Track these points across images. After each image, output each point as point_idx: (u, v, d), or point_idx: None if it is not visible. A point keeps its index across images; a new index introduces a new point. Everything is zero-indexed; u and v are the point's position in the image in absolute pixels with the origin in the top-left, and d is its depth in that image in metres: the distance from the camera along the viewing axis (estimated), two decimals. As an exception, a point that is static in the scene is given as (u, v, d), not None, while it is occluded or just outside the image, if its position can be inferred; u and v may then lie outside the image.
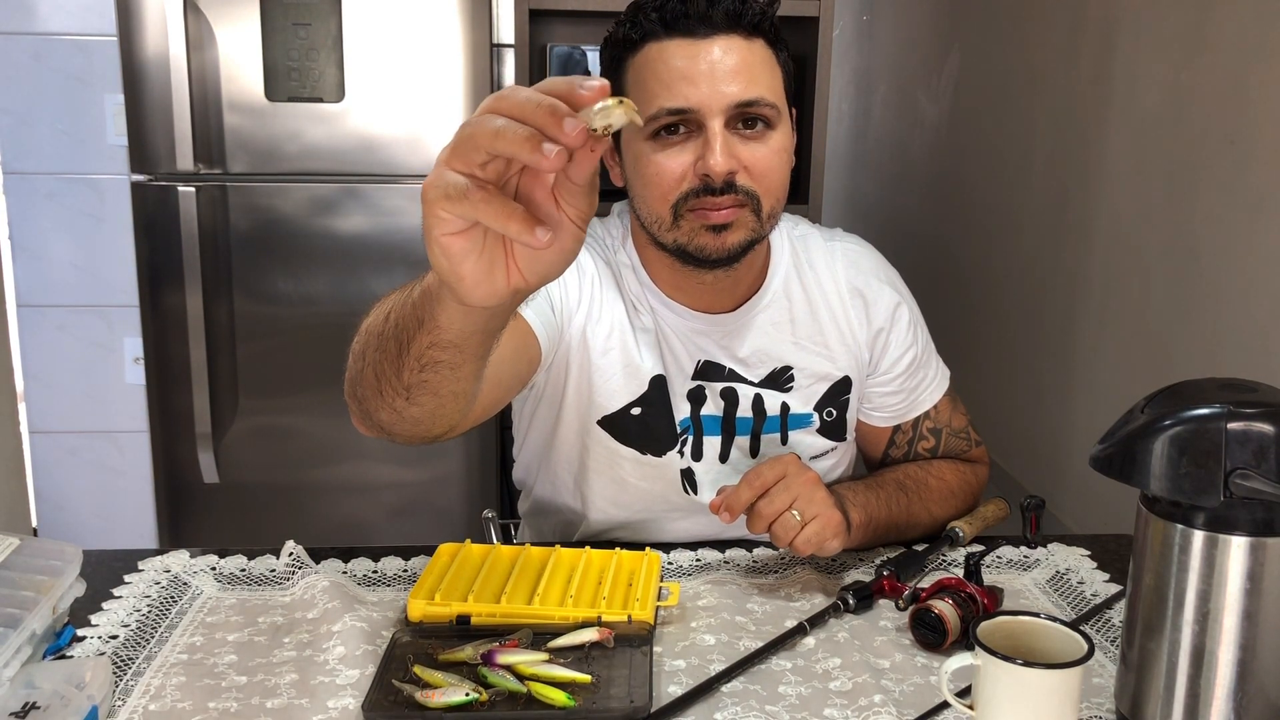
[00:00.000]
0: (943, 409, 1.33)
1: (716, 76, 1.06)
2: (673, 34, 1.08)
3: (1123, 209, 3.02)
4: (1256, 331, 2.45)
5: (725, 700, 0.93)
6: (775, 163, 1.11)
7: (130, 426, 2.65)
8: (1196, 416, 0.81)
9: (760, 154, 1.09)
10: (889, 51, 5.26)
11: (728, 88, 1.06)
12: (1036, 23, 3.56)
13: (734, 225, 1.10)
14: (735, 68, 1.07)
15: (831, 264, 1.27)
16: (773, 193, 1.12)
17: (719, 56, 1.07)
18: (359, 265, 2.38)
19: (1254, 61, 2.44)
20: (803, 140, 2.46)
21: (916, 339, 1.30)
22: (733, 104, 1.07)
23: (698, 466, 1.23)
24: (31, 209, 2.56)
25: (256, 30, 2.25)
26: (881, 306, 1.27)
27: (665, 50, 1.08)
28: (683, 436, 1.22)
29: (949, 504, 1.26)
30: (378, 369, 0.86)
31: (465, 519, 2.43)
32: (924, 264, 4.68)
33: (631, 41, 1.11)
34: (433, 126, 2.33)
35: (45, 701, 0.84)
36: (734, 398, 1.22)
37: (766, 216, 1.12)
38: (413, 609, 1.02)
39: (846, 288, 1.26)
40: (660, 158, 1.09)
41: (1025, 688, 0.81)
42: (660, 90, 1.08)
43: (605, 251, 1.24)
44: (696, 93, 1.06)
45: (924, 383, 1.31)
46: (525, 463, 1.35)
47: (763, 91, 1.08)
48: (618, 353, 1.20)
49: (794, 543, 1.07)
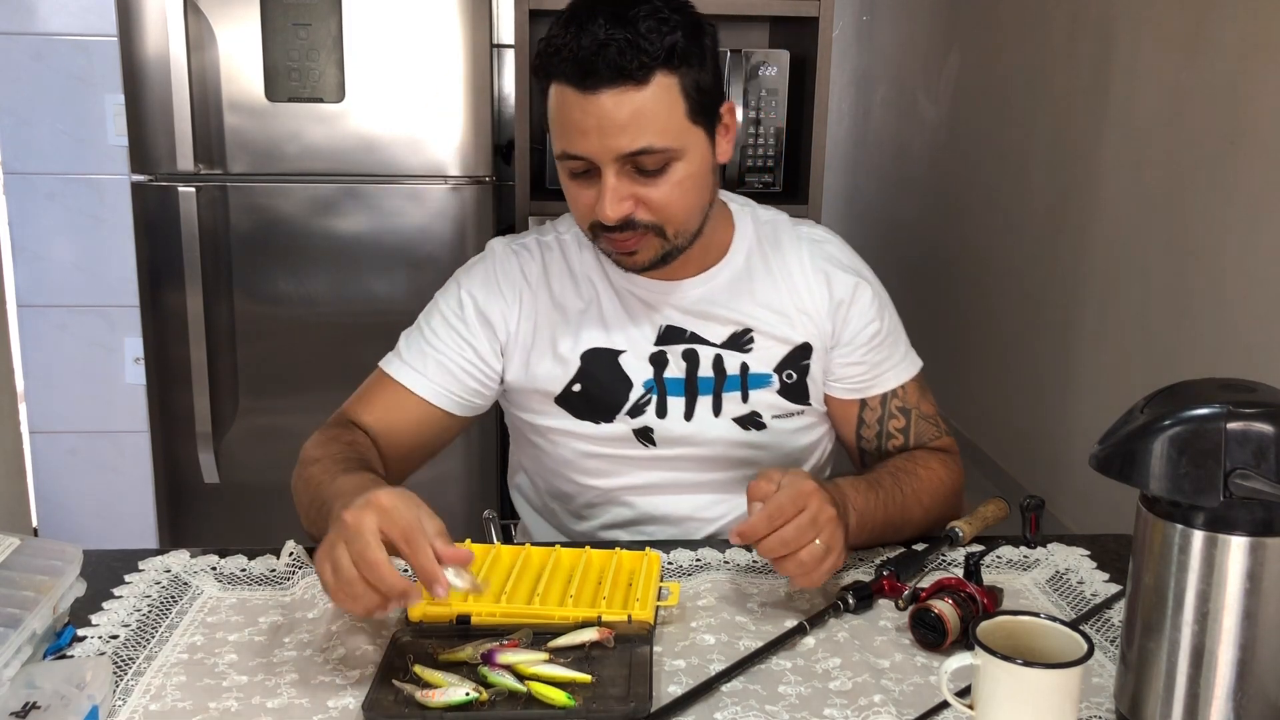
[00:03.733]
0: (910, 391, 1.33)
1: (605, 130, 1.11)
2: (569, 82, 1.12)
3: (1122, 209, 3.02)
4: (1256, 331, 2.45)
5: (725, 700, 0.93)
6: (674, 194, 1.15)
7: (130, 426, 2.65)
8: (1196, 416, 0.81)
9: (658, 191, 1.15)
10: (889, 51, 5.26)
11: (616, 140, 1.11)
12: (1036, 23, 3.56)
13: (640, 250, 1.18)
14: (623, 120, 1.10)
15: (797, 246, 1.31)
16: (676, 219, 1.17)
17: (608, 109, 1.10)
18: (359, 265, 2.38)
19: (1253, 62, 2.44)
20: (803, 140, 2.46)
21: (881, 317, 1.31)
22: (621, 155, 1.12)
23: (661, 423, 1.28)
24: (32, 209, 2.56)
25: (257, 30, 2.26)
26: (843, 282, 1.30)
27: (564, 97, 1.13)
28: (645, 398, 1.27)
29: (939, 495, 1.26)
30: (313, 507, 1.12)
31: (465, 519, 2.44)
32: (923, 263, 4.68)
33: (542, 76, 1.17)
34: (433, 126, 2.33)
35: (46, 701, 0.84)
36: (695, 359, 1.27)
37: (674, 235, 1.19)
38: (413, 609, 1.02)
39: (810, 266, 1.30)
40: (573, 187, 1.18)
41: (1025, 687, 0.81)
42: (560, 134, 1.15)
43: (558, 237, 1.32)
44: (588, 144, 1.12)
45: (889, 360, 1.32)
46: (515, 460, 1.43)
47: (651, 139, 1.11)
48: (546, 344, 1.28)
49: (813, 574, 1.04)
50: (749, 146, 2.42)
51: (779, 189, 2.45)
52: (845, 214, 5.68)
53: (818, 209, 2.43)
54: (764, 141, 2.42)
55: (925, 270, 4.59)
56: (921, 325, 5.27)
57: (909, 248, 4.79)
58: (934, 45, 4.53)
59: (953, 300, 4.30)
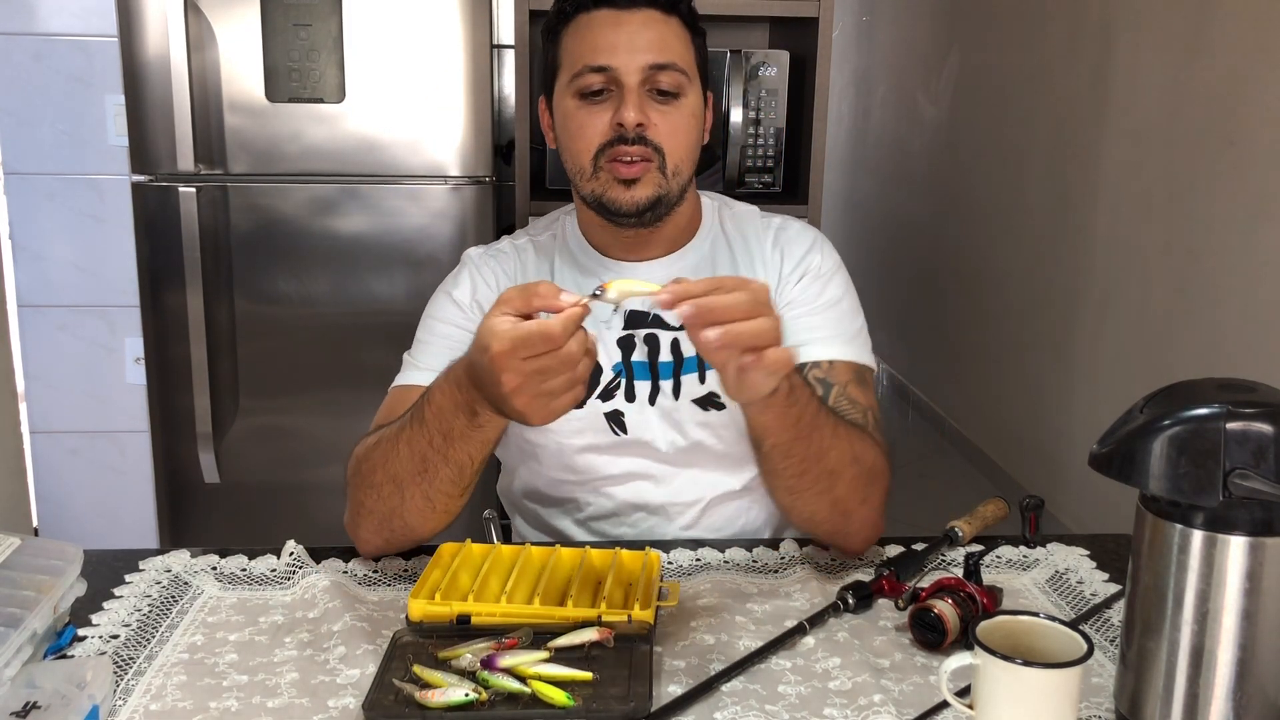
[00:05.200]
0: (840, 370, 1.25)
1: (635, 43, 1.21)
2: (600, 6, 1.23)
3: (1122, 209, 3.02)
4: (1256, 331, 2.45)
5: (725, 700, 0.93)
6: (682, 124, 1.23)
7: (131, 426, 2.65)
8: (1195, 416, 0.81)
9: (669, 114, 1.22)
10: (889, 52, 5.26)
11: (645, 55, 1.21)
12: (1036, 23, 3.56)
13: (641, 180, 1.22)
14: (651, 37, 1.21)
15: (763, 235, 1.35)
16: (678, 152, 1.23)
17: (637, 27, 1.21)
18: (359, 265, 2.38)
19: (1253, 63, 2.44)
20: (803, 140, 2.46)
21: (824, 292, 1.29)
22: (647, 65, 1.20)
23: (630, 408, 1.29)
24: (32, 209, 2.56)
25: (257, 31, 2.26)
26: (799, 251, 1.32)
27: (593, 20, 1.23)
28: (615, 381, 1.29)
29: (862, 458, 1.14)
30: (424, 491, 1.12)
31: (465, 519, 2.42)
32: (923, 263, 4.68)
33: (566, 15, 1.25)
34: (433, 126, 2.33)
35: (46, 701, 0.84)
36: (655, 343, 1.29)
37: (671, 174, 1.23)
38: (413, 609, 1.02)
39: (770, 246, 1.33)
40: (583, 114, 1.23)
41: (1025, 687, 0.82)
42: (586, 52, 1.22)
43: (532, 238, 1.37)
44: (615, 57, 1.20)
45: (820, 331, 1.27)
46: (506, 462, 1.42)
47: (675, 58, 1.22)
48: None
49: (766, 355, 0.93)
50: (749, 146, 2.42)
51: (779, 189, 2.45)
52: (845, 214, 5.68)
53: (818, 209, 2.43)
54: (764, 141, 2.42)
55: (925, 270, 4.59)
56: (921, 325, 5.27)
57: (909, 247, 4.79)
58: (934, 45, 4.53)
59: (952, 300, 4.30)
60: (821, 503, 1.13)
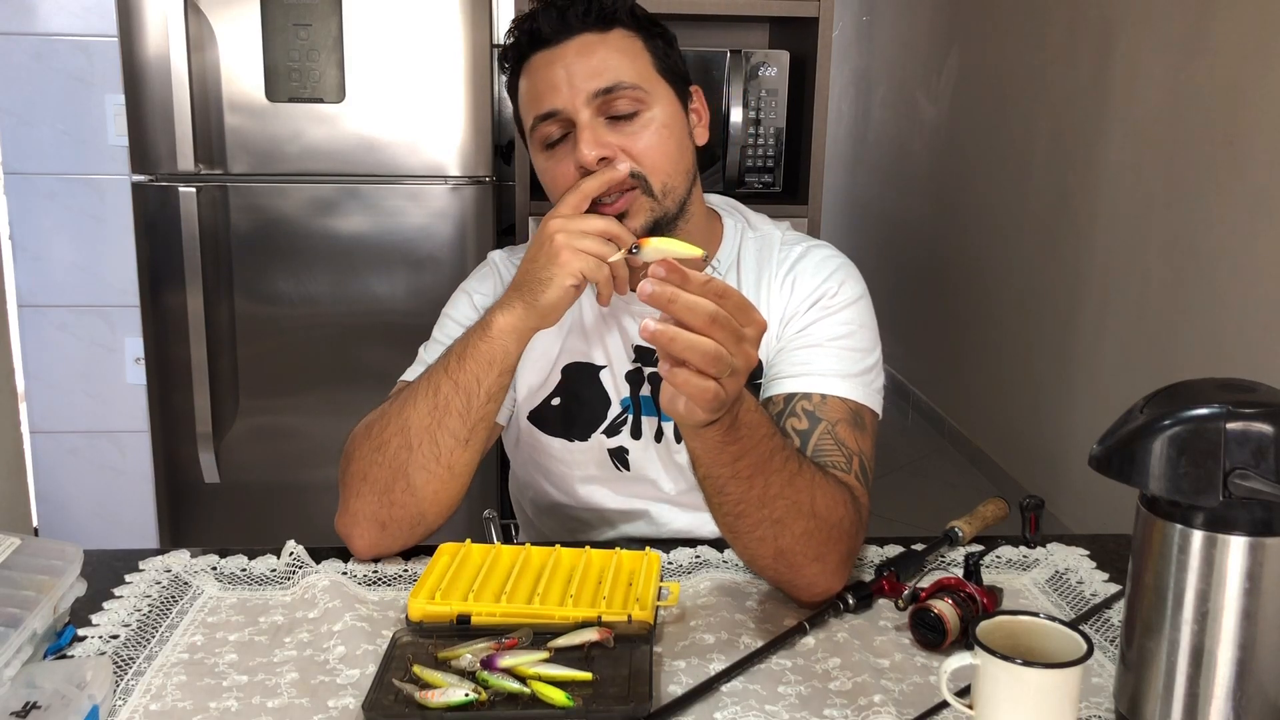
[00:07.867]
0: (832, 407, 1.16)
1: (574, 76, 1.14)
2: (535, 49, 1.17)
3: (1122, 209, 3.02)
4: (1256, 331, 2.46)
5: (725, 700, 0.93)
6: (655, 140, 1.15)
7: (131, 426, 2.65)
8: (1195, 416, 0.81)
9: (636, 134, 1.15)
10: (889, 51, 5.27)
11: (585, 83, 1.14)
12: (1036, 23, 3.56)
13: (631, 211, 1.15)
14: (592, 64, 1.14)
15: (778, 266, 1.26)
16: (660, 169, 1.15)
17: (573, 58, 1.15)
18: (359, 265, 2.38)
19: (1253, 62, 2.44)
20: (803, 140, 2.46)
21: (830, 325, 1.21)
22: (591, 95, 1.14)
23: (635, 444, 1.26)
24: (32, 209, 2.56)
25: (257, 31, 2.26)
26: (814, 281, 1.23)
27: (532, 66, 1.18)
28: (622, 416, 1.26)
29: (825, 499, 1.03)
30: (432, 435, 1.11)
31: (465, 519, 2.42)
32: (923, 263, 4.68)
33: (514, 70, 1.21)
34: (433, 126, 2.33)
35: (46, 701, 0.84)
36: (659, 380, 1.23)
37: (661, 193, 1.16)
38: (413, 609, 1.02)
39: (782, 279, 1.25)
40: (550, 165, 1.18)
41: (1025, 687, 0.82)
42: (533, 103, 1.17)
43: None
44: (559, 96, 1.14)
45: (818, 364, 1.18)
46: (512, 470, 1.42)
47: (622, 76, 1.14)
48: (532, 351, 1.24)
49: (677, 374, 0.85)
50: (749, 146, 2.42)
51: (779, 189, 2.46)
52: (845, 214, 5.68)
53: (817, 209, 2.43)
54: (764, 142, 2.42)
55: (925, 270, 4.59)
56: (921, 325, 5.27)
57: (909, 247, 4.79)
58: (934, 45, 4.53)
59: (952, 299, 4.30)
60: (762, 549, 1.03)
